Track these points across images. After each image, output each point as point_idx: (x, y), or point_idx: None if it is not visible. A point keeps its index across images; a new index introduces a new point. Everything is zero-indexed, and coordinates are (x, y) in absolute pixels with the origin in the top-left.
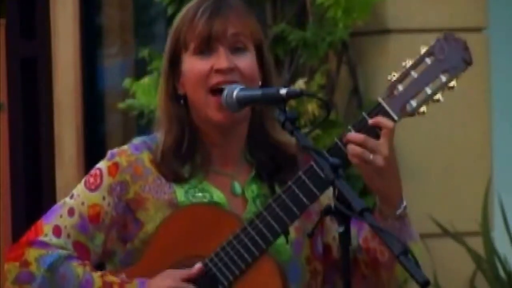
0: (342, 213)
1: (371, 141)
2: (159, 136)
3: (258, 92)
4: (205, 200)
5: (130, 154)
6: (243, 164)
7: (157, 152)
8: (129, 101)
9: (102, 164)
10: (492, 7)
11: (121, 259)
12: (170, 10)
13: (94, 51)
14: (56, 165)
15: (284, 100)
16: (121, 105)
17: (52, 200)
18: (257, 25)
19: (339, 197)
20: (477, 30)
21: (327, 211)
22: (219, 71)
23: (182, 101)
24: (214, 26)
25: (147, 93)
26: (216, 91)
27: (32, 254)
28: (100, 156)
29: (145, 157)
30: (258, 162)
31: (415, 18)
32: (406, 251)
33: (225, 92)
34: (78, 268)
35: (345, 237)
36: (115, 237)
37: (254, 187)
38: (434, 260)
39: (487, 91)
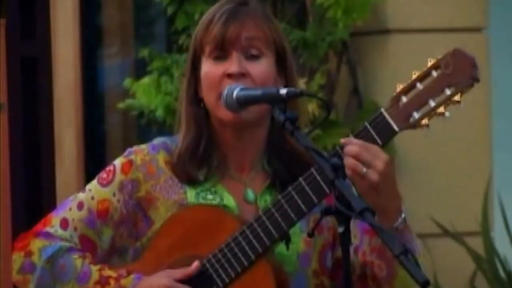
0: (342, 213)
1: (366, 155)
2: (179, 137)
3: (258, 92)
4: (214, 203)
5: (146, 154)
6: (259, 172)
7: (174, 153)
8: (129, 101)
9: (117, 161)
10: (492, 7)
11: (130, 257)
12: (170, 10)
13: (94, 51)
14: (56, 165)
15: (284, 100)
16: (121, 105)
17: (52, 200)
18: (277, 30)
19: (339, 197)
20: (477, 30)
21: (327, 211)
22: (230, 76)
23: (202, 104)
24: (229, 30)
25: (147, 93)
26: None
27: (36, 244)
28: (100, 156)
29: (161, 157)
30: (275, 172)
31: (415, 18)
32: (406, 251)
33: (225, 92)
34: (77, 260)
35: (345, 237)
36: (126, 235)
37: (267, 197)
38: (434, 260)
39: (487, 91)
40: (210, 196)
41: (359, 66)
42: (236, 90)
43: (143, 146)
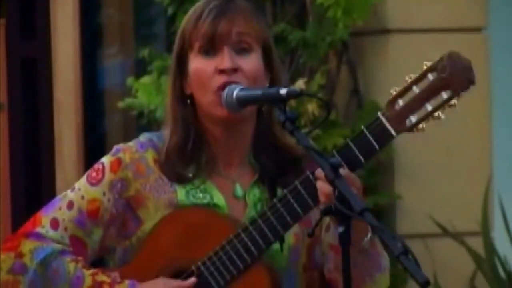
0: (342, 213)
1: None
2: (165, 135)
3: (258, 92)
4: (205, 201)
5: (135, 152)
6: (246, 167)
7: (161, 151)
8: (129, 100)
9: (105, 159)
10: (492, 7)
11: (119, 256)
12: (170, 10)
13: (94, 51)
14: (56, 165)
15: (284, 100)
16: (121, 104)
17: None
18: (264, 26)
19: (339, 197)
20: (477, 30)
21: (327, 211)
22: (222, 72)
23: (188, 101)
24: (219, 26)
25: (148, 93)
26: (222, 89)
27: (27, 245)
28: (100, 156)
29: (149, 156)
30: (262, 166)
31: (415, 18)
32: (406, 251)
33: (225, 92)
34: (70, 264)
35: (345, 237)
36: (115, 235)
37: (256, 191)
38: (434, 260)
39: (487, 91)
40: (200, 195)
41: (359, 66)
42: (236, 90)
43: (130, 144)
